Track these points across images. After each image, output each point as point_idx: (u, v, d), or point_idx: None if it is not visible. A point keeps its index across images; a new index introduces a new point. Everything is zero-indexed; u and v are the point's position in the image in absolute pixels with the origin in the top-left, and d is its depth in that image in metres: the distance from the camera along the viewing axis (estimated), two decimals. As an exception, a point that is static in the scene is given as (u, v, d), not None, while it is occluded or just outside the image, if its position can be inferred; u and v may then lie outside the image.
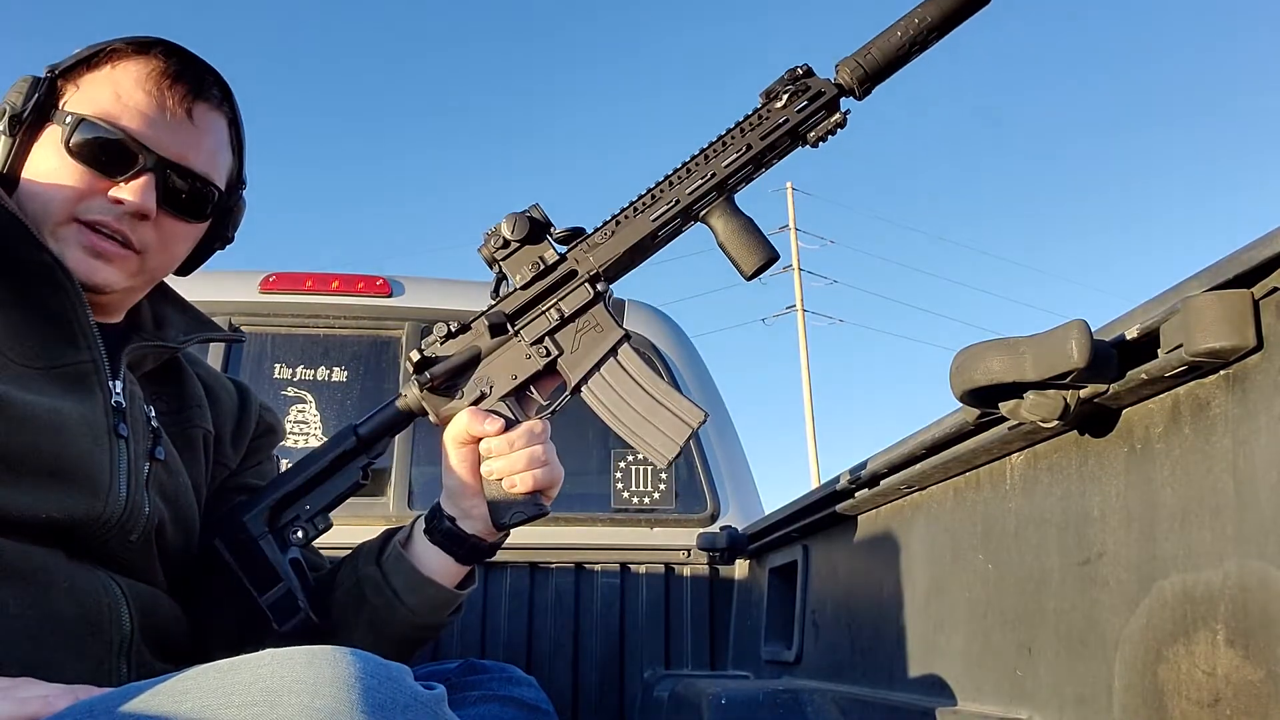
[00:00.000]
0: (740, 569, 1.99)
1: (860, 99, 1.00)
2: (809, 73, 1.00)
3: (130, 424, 0.93)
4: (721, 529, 1.96)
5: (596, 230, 1.02)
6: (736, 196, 1.02)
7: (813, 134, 1.00)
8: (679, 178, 1.01)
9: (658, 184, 1.01)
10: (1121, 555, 0.66)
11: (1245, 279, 0.54)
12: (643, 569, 2.04)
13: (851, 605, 1.23)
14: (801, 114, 0.99)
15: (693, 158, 1.01)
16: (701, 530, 2.04)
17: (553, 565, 2.02)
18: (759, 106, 1.00)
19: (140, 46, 0.97)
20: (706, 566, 2.04)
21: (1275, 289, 0.53)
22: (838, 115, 0.99)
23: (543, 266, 1.01)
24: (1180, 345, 0.56)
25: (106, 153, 0.93)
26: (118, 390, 0.93)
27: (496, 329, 1.02)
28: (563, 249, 1.03)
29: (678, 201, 1.00)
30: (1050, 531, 0.75)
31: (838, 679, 1.23)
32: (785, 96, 0.99)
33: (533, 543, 2.00)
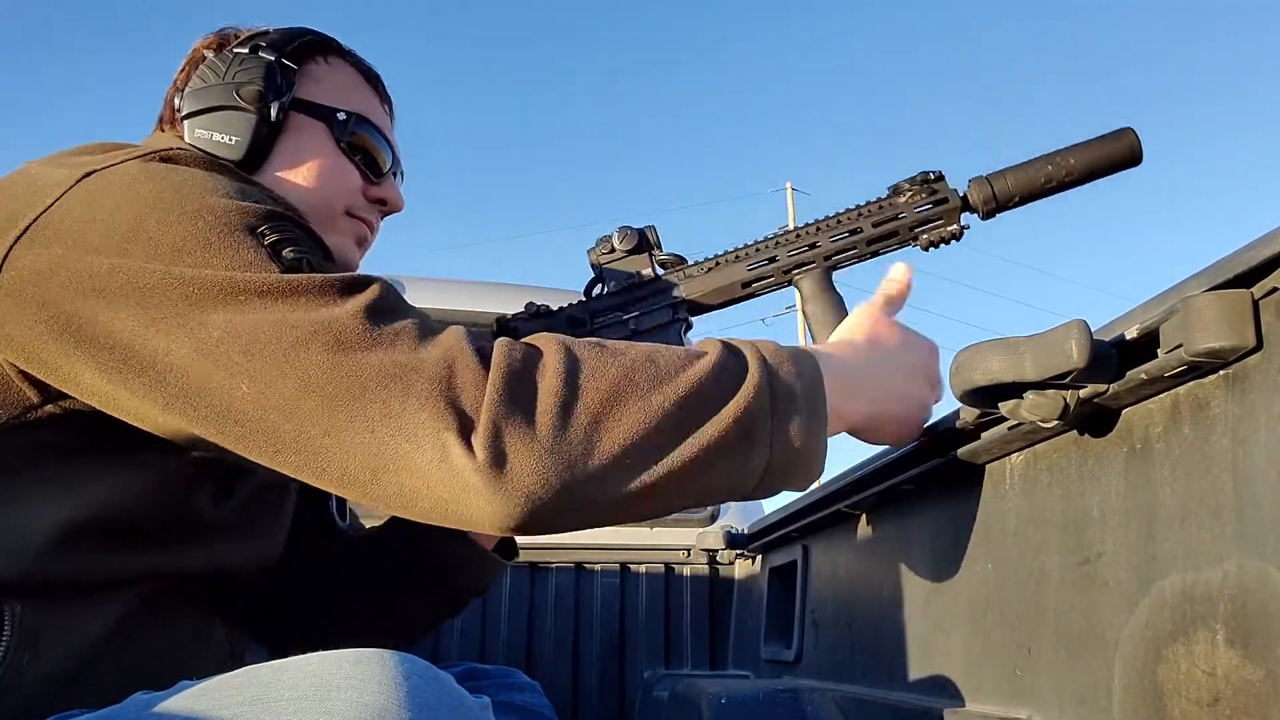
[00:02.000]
0: (740, 569, 1.99)
1: (983, 219, 1.02)
2: (939, 178, 1.02)
3: None
4: (721, 529, 1.97)
5: (695, 264, 1.05)
6: (837, 276, 1.05)
7: (926, 236, 1.01)
8: (786, 240, 1.03)
9: (764, 239, 1.04)
10: (1121, 555, 0.66)
11: (1245, 279, 0.54)
12: (643, 569, 2.04)
13: (851, 605, 1.23)
14: (920, 214, 1.01)
15: (805, 225, 1.03)
16: (701, 530, 2.04)
17: (553, 565, 2.02)
18: (883, 196, 1.03)
19: (337, 45, 1.01)
20: (706, 566, 2.04)
21: (1275, 289, 0.53)
22: (955, 226, 1.01)
23: (637, 279, 1.04)
24: (1180, 345, 0.56)
25: (374, 153, 0.98)
26: None
27: (576, 321, 1.05)
28: (660, 270, 1.06)
29: (775, 259, 1.02)
30: (1050, 531, 0.75)
31: (837, 678, 1.23)
32: (909, 193, 1.01)
33: (533, 542, 2.00)
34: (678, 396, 0.67)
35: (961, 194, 1.00)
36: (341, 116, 0.95)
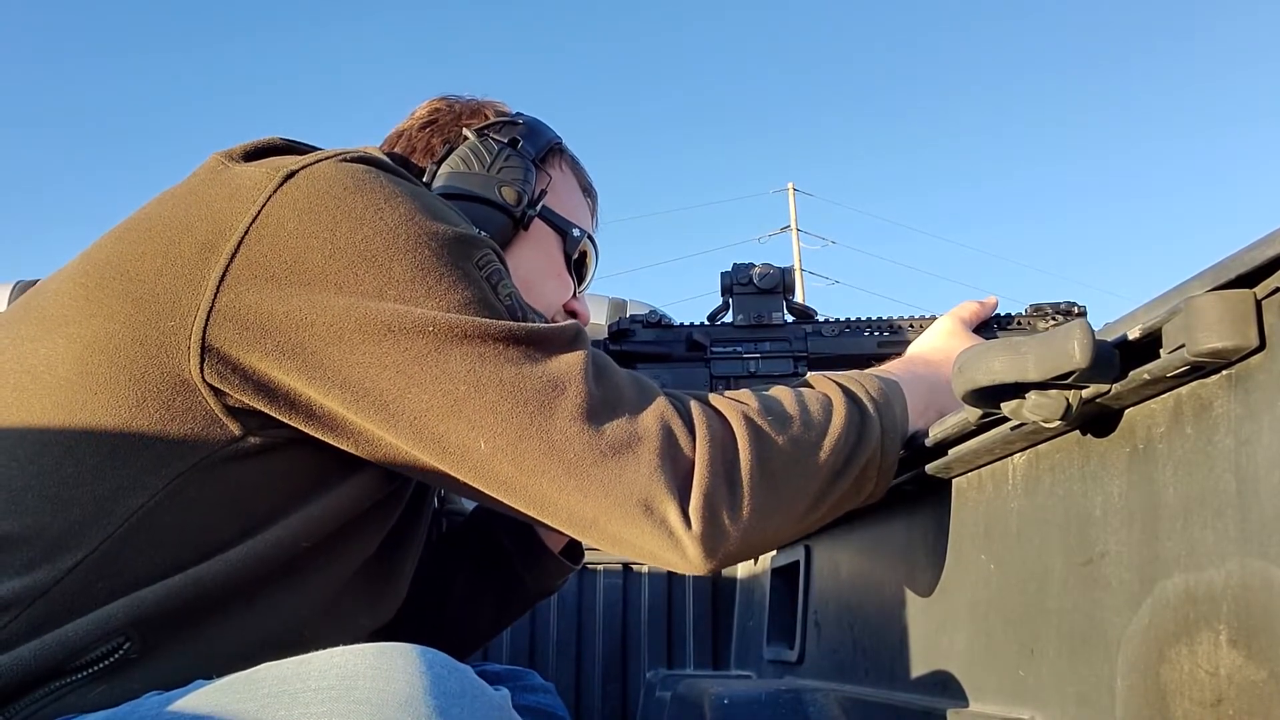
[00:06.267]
0: (742, 569, 1.99)
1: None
2: (1084, 313, 1.02)
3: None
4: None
5: (826, 322, 1.05)
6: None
7: None
8: (917, 324, 1.04)
9: (898, 317, 1.04)
10: (1123, 555, 0.66)
11: (1247, 279, 0.54)
12: (645, 569, 2.04)
13: (853, 606, 1.24)
14: None
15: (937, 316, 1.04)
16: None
17: (555, 565, 2.02)
18: (1023, 313, 1.03)
19: (567, 149, 1.01)
20: (709, 567, 2.04)
21: (1277, 289, 0.53)
22: None
23: (765, 321, 1.04)
24: (1182, 345, 0.56)
25: (586, 270, 1.01)
26: None
27: (694, 345, 1.05)
28: (790, 318, 1.06)
29: (907, 344, 1.03)
30: (1052, 531, 0.75)
31: (840, 679, 1.23)
32: (1050, 321, 1.02)
33: (535, 543, 2.00)
34: (829, 456, 0.80)
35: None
36: (576, 234, 0.98)
